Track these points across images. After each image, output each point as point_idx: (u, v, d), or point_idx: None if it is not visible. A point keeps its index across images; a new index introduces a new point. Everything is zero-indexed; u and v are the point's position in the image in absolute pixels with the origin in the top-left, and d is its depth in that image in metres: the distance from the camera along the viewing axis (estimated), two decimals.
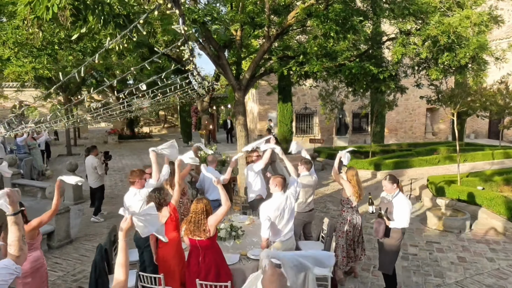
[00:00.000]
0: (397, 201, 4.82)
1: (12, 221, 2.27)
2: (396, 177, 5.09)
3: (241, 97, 7.65)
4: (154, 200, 4.16)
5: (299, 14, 6.40)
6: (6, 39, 5.55)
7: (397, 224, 4.77)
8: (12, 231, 2.27)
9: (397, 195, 4.86)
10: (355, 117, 22.19)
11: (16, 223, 2.28)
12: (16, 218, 2.29)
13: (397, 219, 4.78)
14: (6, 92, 25.59)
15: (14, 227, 2.27)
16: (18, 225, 2.29)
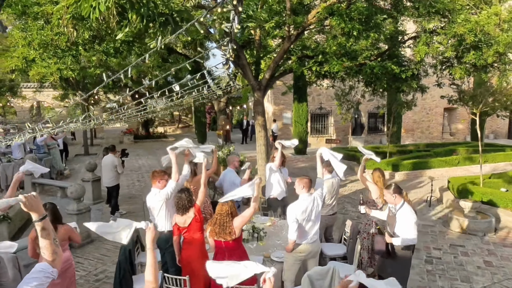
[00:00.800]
0: (401, 214, 4.28)
1: (40, 227, 2.15)
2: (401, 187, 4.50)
3: (261, 97, 7.61)
4: (183, 201, 4.15)
5: (320, 13, 6.32)
6: (31, 39, 5.61)
7: (403, 241, 4.20)
8: (42, 236, 2.16)
9: (402, 207, 4.32)
10: (371, 117, 21.95)
11: (45, 228, 2.16)
12: (44, 223, 2.17)
13: (402, 236, 4.21)
14: (25, 93, 26.04)
15: (43, 232, 2.16)
16: (47, 230, 2.17)
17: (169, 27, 1.92)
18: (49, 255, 2.18)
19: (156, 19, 2.15)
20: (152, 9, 2.14)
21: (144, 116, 6.82)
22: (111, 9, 2.10)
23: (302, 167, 14.70)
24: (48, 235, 2.17)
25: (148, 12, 2.12)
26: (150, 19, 2.10)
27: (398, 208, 4.35)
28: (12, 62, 6.61)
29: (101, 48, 5.79)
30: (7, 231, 7.14)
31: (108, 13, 2.14)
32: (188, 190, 4.32)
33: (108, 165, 8.75)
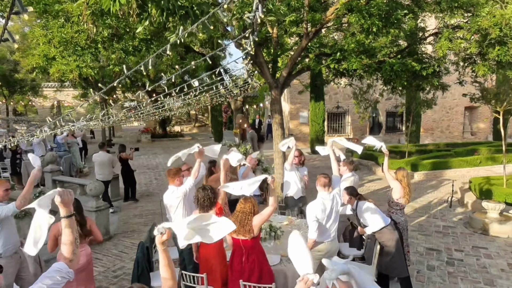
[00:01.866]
0: (359, 208, 4.73)
1: (65, 224, 2.19)
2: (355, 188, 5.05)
3: (278, 95, 7.55)
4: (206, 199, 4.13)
5: (339, 9, 6.22)
6: (52, 37, 5.70)
7: (373, 228, 4.64)
8: (65, 233, 2.20)
9: (357, 204, 4.78)
10: (389, 116, 21.62)
11: (69, 226, 2.20)
12: (69, 221, 2.20)
13: (370, 224, 4.66)
14: (46, 92, 26.61)
15: (67, 230, 2.19)
16: (71, 228, 2.21)
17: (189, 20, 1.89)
18: (67, 253, 2.20)
19: (177, 12, 2.13)
20: (173, 2, 2.12)
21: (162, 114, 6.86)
22: (131, 2, 2.09)
23: (318, 166, 14.57)
24: (71, 233, 2.20)
25: (168, 5, 2.10)
26: (170, 12, 2.08)
27: (354, 206, 4.79)
28: (33, 60, 6.77)
29: (120, 45, 5.85)
30: (28, 227, 7.28)
31: (127, 8, 2.13)
32: (211, 188, 4.31)
33: (105, 161, 9.13)
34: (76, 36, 5.49)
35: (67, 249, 2.20)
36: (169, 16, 1.99)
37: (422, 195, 10.24)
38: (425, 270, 5.87)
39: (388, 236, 4.68)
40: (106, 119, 5.01)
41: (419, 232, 7.49)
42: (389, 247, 4.69)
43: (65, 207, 2.19)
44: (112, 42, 5.78)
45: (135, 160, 17.15)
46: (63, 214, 2.20)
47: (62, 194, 2.22)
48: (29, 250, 2.24)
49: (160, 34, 6.26)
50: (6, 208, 4.10)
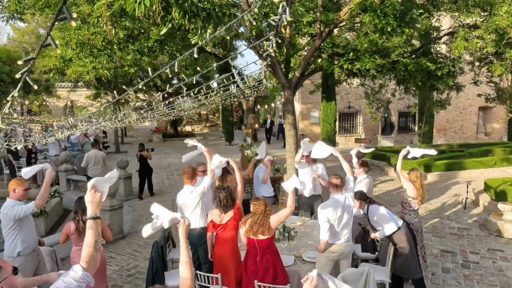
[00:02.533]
0: (370, 212, 4.72)
1: (89, 225, 2.16)
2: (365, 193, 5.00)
3: (291, 96, 7.54)
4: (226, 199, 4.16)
5: (353, 9, 6.18)
6: (69, 39, 5.80)
7: (385, 232, 4.63)
8: (88, 235, 2.16)
9: (368, 209, 4.76)
10: (401, 116, 21.42)
11: (93, 228, 2.17)
12: (95, 223, 2.17)
13: (382, 228, 4.65)
14: (59, 92, 26.96)
15: (90, 232, 2.16)
16: (95, 230, 2.17)
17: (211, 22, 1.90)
18: (86, 255, 2.15)
19: (199, 14, 2.13)
20: (195, 4, 2.12)
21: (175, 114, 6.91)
22: (155, 5, 2.10)
23: (330, 166, 14.47)
24: (93, 235, 2.17)
25: (191, 7, 2.10)
26: (192, 14, 2.09)
27: (365, 210, 4.78)
28: (50, 62, 6.89)
29: (135, 47, 5.91)
30: (44, 225, 7.40)
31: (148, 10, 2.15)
32: (229, 188, 4.33)
33: (98, 158, 9.64)
34: (93, 38, 5.57)
35: (87, 251, 2.16)
36: (191, 18, 2.00)
37: (435, 197, 10.12)
38: (440, 272, 5.80)
39: (401, 237, 4.65)
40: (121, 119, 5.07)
41: (433, 234, 7.41)
42: (402, 249, 4.66)
43: (94, 207, 2.18)
44: (128, 43, 5.85)
45: None
46: (89, 214, 2.17)
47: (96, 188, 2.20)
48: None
49: (173, 35, 6.30)
50: (26, 207, 4.18)
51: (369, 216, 4.73)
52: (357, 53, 7.71)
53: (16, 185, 4.24)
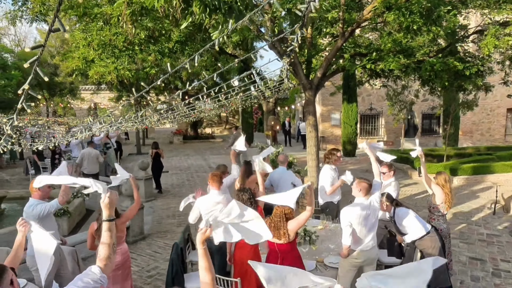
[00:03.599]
0: (397, 216, 4.53)
1: (106, 227, 2.17)
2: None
3: (312, 97, 7.40)
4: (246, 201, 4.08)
5: (377, 7, 6.01)
6: (91, 40, 5.88)
7: (412, 236, 4.45)
8: (104, 237, 2.17)
9: (394, 211, 4.58)
10: (425, 118, 20.90)
11: (110, 230, 2.18)
12: (110, 224, 2.19)
13: (409, 232, 4.47)
14: (83, 95, 27.59)
15: (107, 234, 2.17)
16: (111, 232, 2.19)
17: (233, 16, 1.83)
18: (103, 257, 2.16)
19: (221, 7, 2.06)
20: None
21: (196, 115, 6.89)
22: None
23: (351, 169, 14.20)
24: (110, 237, 2.18)
25: (213, 1, 2.04)
26: (213, 8, 2.02)
27: (392, 213, 4.60)
28: (73, 63, 7.01)
29: (156, 47, 5.93)
30: (67, 225, 7.50)
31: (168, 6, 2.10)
32: (250, 191, 4.24)
33: (92, 156, 10.33)
34: (114, 38, 5.61)
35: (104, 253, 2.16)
36: (212, 12, 1.94)
37: (462, 201, 9.77)
38: (469, 281, 5.55)
39: (429, 243, 4.45)
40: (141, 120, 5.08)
41: (460, 240, 7.13)
42: (430, 255, 4.45)
43: (109, 210, 2.19)
44: (149, 44, 5.88)
45: (167, 162, 17.44)
46: (105, 217, 2.19)
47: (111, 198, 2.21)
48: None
49: (194, 36, 6.30)
50: (49, 204, 4.22)
51: (396, 219, 4.54)
52: (380, 53, 7.52)
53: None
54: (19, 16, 5.68)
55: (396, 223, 4.56)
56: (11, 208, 8.69)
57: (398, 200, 4.70)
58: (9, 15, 5.75)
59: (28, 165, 13.26)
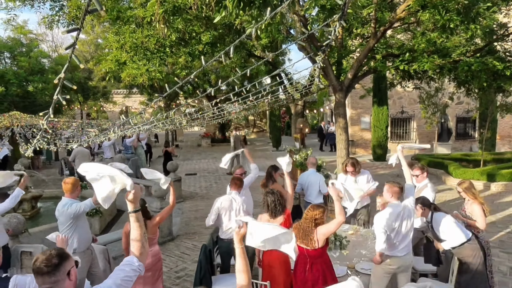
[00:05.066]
0: (435, 221, 4.32)
1: (134, 219, 2.23)
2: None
3: (342, 99, 7.25)
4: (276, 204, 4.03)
5: (411, 6, 5.82)
6: (123, 42, 6.02)
7: (452, 243, 4.20)
8: (134, 228, 2.23)
9: (432, 216, 4.35)
10: (460, 122, 20.11)
11: (138, 220, 2.24)
12: (137, 215, 2.25)
13: (448, 238, 4.22)
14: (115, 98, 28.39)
15: (136, 224, 2.23)
16: (140, 222, 2.25)
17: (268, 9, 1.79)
18: (137, 248, 2.22)
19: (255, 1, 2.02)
20: None
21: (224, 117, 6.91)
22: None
23: (381, 174, 13.88)
24: (139, 227, 2.23)
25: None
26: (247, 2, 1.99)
27: (429, 218, 4.38)
28: (106, 65, 7.22)
29: (187, 49, 5.99)
30: (98, 224, 7.66)
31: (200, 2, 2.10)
32: (278, 193, 4.18)
33: (85, 155, 11.49)
34: (146, 40, 5.71)
35: (136, 244, 2.23)
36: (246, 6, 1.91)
37: (502, 208, 9.29)
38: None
39: (469, 252, 4.21)
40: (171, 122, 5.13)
41: (500, 249, 6.76)
42: (470, 264, 4.23)
43: (134, 203, 2.23)
44: (179, 46, 5.94)
45: (195, 164, 17.64)
46: (130, 209, 2.23)
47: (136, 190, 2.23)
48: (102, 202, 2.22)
49: (224, 38, 6.32)
50: (84, 204, 4.30)
51: (434, 224, 4.33)
52: (413, 54, 7.28)
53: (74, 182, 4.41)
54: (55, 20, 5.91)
55: (434, 229, 4.35)
56: (47, 207, 8.99)
57: (436, 205, 4.48)
58: (47, 19, 5.99)
59: (63, 165, 13.73)
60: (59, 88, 1.33)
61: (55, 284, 1.99)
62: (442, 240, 4.28)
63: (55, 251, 2.06)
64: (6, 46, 17.57)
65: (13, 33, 20.15)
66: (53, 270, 1.98)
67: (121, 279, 2.06)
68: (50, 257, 2.00)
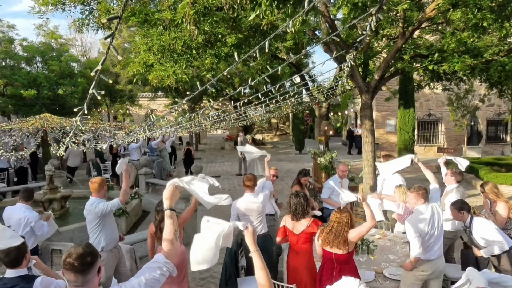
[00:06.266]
0: (474, 226, 4.12)
1: (168, 215, 2.27)
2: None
3: (369, 100, 7.12)
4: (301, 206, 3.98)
5: (441, 5, 5.66)
6: (151, 45, 6.13)
7: (493, 250, 4.02)
8: (167, 224, 2.26)
9: (471, 221, 4.16)
10: (490, 125, 19.42)
11: (171, 217, 2.28)
12: (172, 212, 2.29)
13: (488, 245, 4.03)
14: (141, 102, 28.94)
15: (169, 221, 2.26)
16: (172, 219, 2.28)
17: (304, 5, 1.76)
18: (167, 245, 2.22)
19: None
20: None
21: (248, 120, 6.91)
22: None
23: (408, 177, 13.54)
24: (172, 224, 2.26)
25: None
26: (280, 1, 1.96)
27: (468, 223, 4.18)
28: (134, 67, 7.38)
29: (213, 51, 6.04)
30: (124, 224, 7.79)
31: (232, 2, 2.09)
32: (304, 195, 4.13)
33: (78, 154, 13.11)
34: (173, 43, 5.79)
35: (167, 240, 2.24)
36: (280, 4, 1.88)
37: None
38: None
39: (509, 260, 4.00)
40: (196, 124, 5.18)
41: None
42: (507, 273, 4.03)
43: (170, 201, 2.30)
44: (206, 48, 5.99)
45: (219, 167, 17.75)
46: (166, 206, 2.29)
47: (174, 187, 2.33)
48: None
49: (249, 40, 6.33)
50: (111, 203, 4.38)
51: (473, 230, 4.14)
52: (442, 54, 7.08)
53: (101, 182, 4.50)
54: (85, 24, 6.08)
55: (473, 234, 4.16)
56: (75, 206, 9.22)
57: (475, 209, 4.29)
58: (77, 23, 6.17)
59: (90, 166, 14.07)
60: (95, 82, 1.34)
61: (87, 283, 1.99)
62: (482, 247, 4.10)
63: (88, 248, 2.05)
64: (38, 51, 18.21)
65: (45, 38, 20.88)
66: (88, 268, 1.99)
67: (145, 278, 2.06)
68: (84, 254, 1.99)
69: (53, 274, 3.33)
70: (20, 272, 2.89)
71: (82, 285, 1.98)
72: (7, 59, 18.23)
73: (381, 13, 1.53)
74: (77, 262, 1.95)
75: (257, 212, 4.83)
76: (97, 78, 1.24)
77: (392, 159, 6.03)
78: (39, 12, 6.13)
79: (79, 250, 2.01)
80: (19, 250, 2.90)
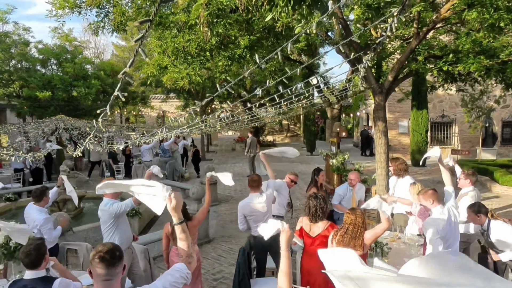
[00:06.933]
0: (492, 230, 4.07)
1: (179, 231, 2.24)
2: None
3: (382, 101, 7.06)
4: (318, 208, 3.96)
5: (456, 5, 5.59)
6: (165, 47, 6.20)
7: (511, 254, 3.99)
8: (181, 239, 2.25)
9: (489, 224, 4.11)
10: (506, 126, 19.10)
11: (184, 231, 2.25)
12: (183, 226, 2.26)
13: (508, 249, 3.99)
14: (153, 103, 29.20)
15: (183, 235, 2.25)
16: (185, 233, 2.26)
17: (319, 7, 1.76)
18: (187, 259, 2.25)
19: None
20: None
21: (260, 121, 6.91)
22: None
23: (421, 180, 13.40)
24: (186, 238, 2.26)
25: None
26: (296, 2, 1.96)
27: (486, 226, 4.14)
28: (148, 69, 7.48)
29: (227, 53, 6.07)
30: (137, 225, 7.86)
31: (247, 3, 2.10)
32: (323, 198, 4.11)
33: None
34: (187, 45, 5.84)
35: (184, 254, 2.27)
36: (296, 5, 1.88)
37: None
38: None
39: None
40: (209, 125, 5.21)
41: None
42: None
43: (177, 213, 2.23)
44: (219, 50, 6.02)
45: (230, 168, 17.82)
46: (175, 221, 2.25)
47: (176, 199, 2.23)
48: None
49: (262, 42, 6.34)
50: (125, 203, 4.42)
51: (491, 233, 4.09)
52: (457, 55, 6.98)
53: None
54: (101, 26, 6.17)
55: (490, 238, 4.11)
56: (89, 207, 9.34)
57: (493, 212, 4.22)
58: (92, 26, 6.27)
59: (104, 167, 14.24)
60: (121, 83, 1.35)
61: (115, 276, 2.06)
62: (500, 251, 4.04)
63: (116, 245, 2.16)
64: (53, 53, 18.52)
65: (59, 41, 21.22)
66: (117, 261, 2.06)
67: (170, 284, 2.11)
68: (114, 249, 2.09)
69: (70, 276, 3.38)
70: (40, 273, 2.94)
71: (111, 278, 2.04)
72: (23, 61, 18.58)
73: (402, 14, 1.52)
74: (108, 255, 2.03)
75: (262, 211, 4.86)
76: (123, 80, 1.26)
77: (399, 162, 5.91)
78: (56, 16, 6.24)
79: (108, 245, 2.12)
80: (39, 251, 2.95)
